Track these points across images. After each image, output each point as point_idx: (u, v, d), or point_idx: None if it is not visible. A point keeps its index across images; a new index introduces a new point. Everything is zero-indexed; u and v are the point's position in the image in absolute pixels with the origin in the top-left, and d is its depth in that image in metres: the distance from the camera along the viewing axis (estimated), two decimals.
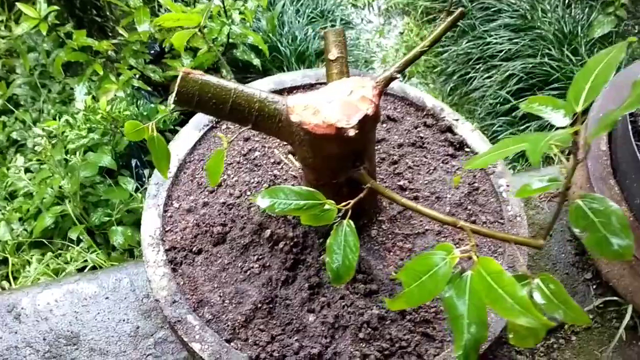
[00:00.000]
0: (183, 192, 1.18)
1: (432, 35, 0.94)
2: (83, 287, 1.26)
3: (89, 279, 1.27)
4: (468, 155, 1.25)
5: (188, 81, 0.89)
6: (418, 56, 0.95)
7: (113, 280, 1.27)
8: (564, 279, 1.34)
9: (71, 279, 1.27)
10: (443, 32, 0.93)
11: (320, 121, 0.88)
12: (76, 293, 1.25)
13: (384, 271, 1.08)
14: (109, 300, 1.25)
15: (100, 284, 1.26)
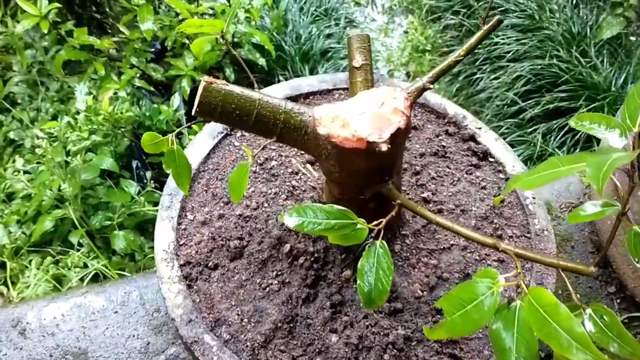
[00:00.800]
0: (197, 204, 1.13)
1: (467, 45, 0.89)
2: (91, 300, 1.20)
3: (97, 292, 1.22)
4: (492, 166, 1.20)
5: (211, 91, 0.84)
6: (453, 65, 0.90)
7: (122, 294, 1.22)
8: (587, 292, 1.30)
9: (78, 292, 1.21)
10: (479, 41, 0.89)
11: (350, 134, 0.83)
12: (84, 307, 1.20)
13: (409, 289, 1.04)
14: (118, 315, 1.20)
15: (108, 298, 1.21)
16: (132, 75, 2.11)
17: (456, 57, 0.89)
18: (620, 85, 2.47)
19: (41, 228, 1.98)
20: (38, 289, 1.86)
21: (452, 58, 0.89)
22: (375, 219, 0.98)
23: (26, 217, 2.09)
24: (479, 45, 0.89)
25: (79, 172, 1.96)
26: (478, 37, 0.88)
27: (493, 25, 0.87)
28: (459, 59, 0.89)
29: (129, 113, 1.95)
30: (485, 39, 0.89)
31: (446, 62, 0.90)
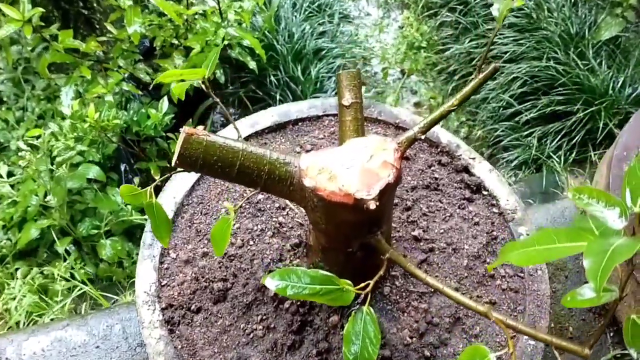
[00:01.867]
0: (181, 240, 1.09)
1: (462, 94, 0.85)
2: (72, 334, 1.17)
3: (79, 324, 1.19)
4: (486, 199, 1.17)
5: (192, 143, 0.79)
6: (445, 115, 0.86)
7: (104, 327, 1.19)
8: (580, 325, 1.28)
9: (59, 325, 1.18)
10: (473, 90, 0.85)
11: (337, 188, 0.79)
12: (64, 341, 1.16)
13: (398, 335, 1.01)
14: (99, 350, 1.16)
15: (90, 331, 1.18)
16: (119, 79, 2.05)
17: (449, 106, 0.85)
18: (618, 90, 2.43)
19: (27, 236, 1.94)
20: (23, 301, 1.83)
21: (444, 107, 0.85)
22: (363, 268, 0.95)
23: (12, 222, 2.05)
24: (472, 95, 0.84)
25: (65, 181, 1.91)
26: (472, 86, 0.84)
27: (489, 73, 0.83)
28: (452, 108, 0.85)
29: (116, 120, 1.90)
30: (480, 87, 0.85)
31: (438, 111, 0.86)
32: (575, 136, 2.42)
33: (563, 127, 2.43)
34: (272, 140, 1.21)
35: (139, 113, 2.09)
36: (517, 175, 2.50)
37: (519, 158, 2.49)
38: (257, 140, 1.20)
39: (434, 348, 1.00)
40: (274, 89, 2.45)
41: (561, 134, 2.44)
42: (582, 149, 2.46)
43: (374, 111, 1.25)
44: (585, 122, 2.41)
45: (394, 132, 1.24)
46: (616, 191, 1.21)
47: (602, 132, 2.38)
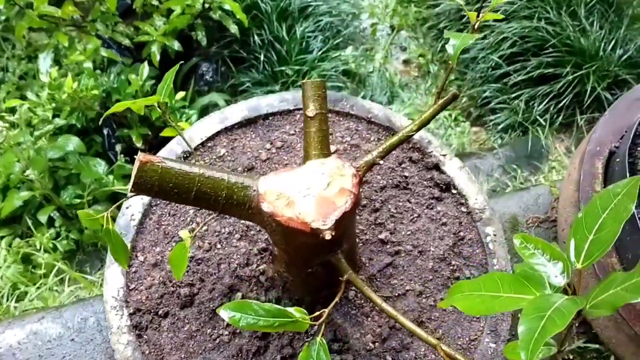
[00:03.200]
0: (148, 243, 1.10)
1: (420, 120, 0.84)
2: (47, 327, 1.20)
3: (54, 317, 1.21)
4: (455, 198, 1.17)
5: (146, 171, 0.79)
6: (404, 140, 0.85)
7: (78, 320, 1.21)
8: None
9: (34, 317, 1.21)
10: (432, 116, 0.83)
11: (294, 215, 0.79)
12: (40, 334, 1.19)
13: (361, 340, 1.03)
14: (74, 343, 1.19)
15: (65, 324, 1.21)
16: (97, 46, 2.01)
17: (408, 132, 0.84)
18: (609, 52, 2.38)
19: (10, 206, 1.95)
20: (8, 271, 1.86)
21: (403, 132, 0.84)
22: (326, 281, 0.96)
23: None
24: (431, 120, 0.83)
25: (45, 151, 1.90)
26: (431, 112, 0.82)
27: (448, 100, 0.82)
28: (411, 133, 0.84)
29: (94, 91, 1.87)
30: (438, 113, 0.83)
31: (397, 137, 0.85)
32: (563, 100, 2.39)
33: (551, 90, 2.40)
34: (242, 136, 1.20)
35: (119, 80, 2.06)
36: (502, 138, 2.49)
37: (506, 121, 2.47)
38: (227, 136, 1.19)
39: (396, 352, 1.03)
40: (258, 49, 2.41)
41: (549, 97, 2.41)
42: (570, 112, 2.44)
43: (346, 105, 1.23)
44: (574, 85, 2.38)
45: (366, 127, 1.22)
46: (586, 188, 1.21)
47: (590, 96, 2.35)
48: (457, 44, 0.72)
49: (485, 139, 2.54)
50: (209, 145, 1.18)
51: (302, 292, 1.02)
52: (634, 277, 0.59)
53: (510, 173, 2.33)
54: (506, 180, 2.31)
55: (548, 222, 1.35)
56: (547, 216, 1.37)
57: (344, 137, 1.21)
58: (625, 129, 1.25)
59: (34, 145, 1.88)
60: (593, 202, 0.66)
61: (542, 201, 1.39)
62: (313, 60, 2.41)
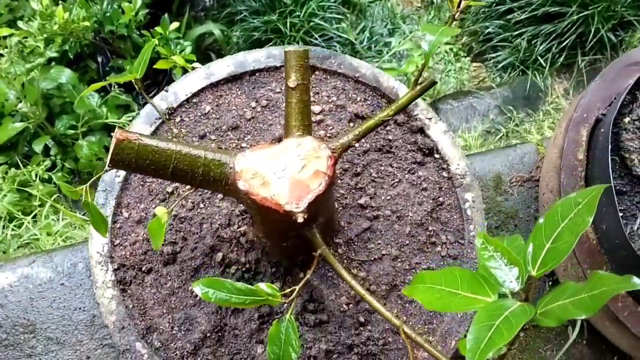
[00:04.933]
0: (133, 199, 1.12)
1: (396, 105, 0.84)
2: (38, 271, 1.25)
3: (44, 261, 1.26)
4: (437, 163, 1.18)
5: (123, 148, 0.80)
6: (379, 124, 0.85)
7: (68, 265, 1.26)
8: None
9: (25, 261, 1.25)
10: (408, 102, 0.83)
11: (269, 196, 0.81)
12: (31, 278, 1.24)
13: (336, 302, 1.07)
14: (64, 287, 1.24)
15: (55, 269, 1.25)
16: None
17: (384, 116, 0.84)
18: None
19: (5, 134, 1.96)
20: (4, 200, 1.90)
21: (379, 117, 0.85)
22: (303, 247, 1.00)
23: None
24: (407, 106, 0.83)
25: (38, 82, 1.90)
26: (408, 97, 0.82)
27: (425, 87, 0.81)
28: (387, 118, 0.84)
29: (85, 22, 1.84)
30: (414, 100, 0.83)
31: (373, 120, 0.85)
32: (566, 40, 2.35)
33: (555, 29, 2.35)
34: (227, 93, 1.20)
35: (111, 8, 2.02)
36: (502, 77, 2.46)
37: (507, 60, 2.44)
38: (213, 92, 1.19)
39: (369, 314, 1.07)
40: None
41: (552, 37, 2.36)
42: (571, 52, 2.40)
43: (334, 63, 1.22)
44: (578, 25, 2.33)
45: (353, 87, 1.22)
46: (569, 156, 1.22)
47: (594, 38, 2.31)
48: (432, 41, 0.71)
49: (485, 77, 2.52)
50: (194, 101, 1.18)
51: (280, 256, 1.05)
52: (583, 292, 0.61)
53: (506, 114, 2.32)
54: (501, 121, 2.31)
55: (532, 181, 1.37)
56: (531, 175, 1.38)
57: (330, 96, 1.21)
58: (615, 96, 1.24)
59: (26, 75, 1.87)
60: (554, 209, 0.68)
61: (528, 160, 1.40)
62: None
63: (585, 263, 1.18)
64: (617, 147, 1.18)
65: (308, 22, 2.29)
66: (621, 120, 1.18)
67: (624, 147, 1.16)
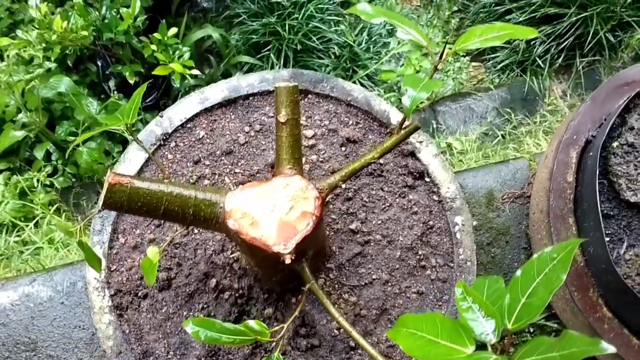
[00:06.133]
0: (129, 225, 1.15)
1: (382, 148, 0.86)
2: (39, 290, 1.28)
3: (45, 280, 1.29)
4: (427, 186, 1.20)
5: (115, 192, 0.82)
6: (365, 165, 0.87)
7: (67, 284, 1.29)
8: None
9: (27, 280, 1.28)
10: (392, 146, 0.85)
11: (258, 236, 0.84)
12: (32, 297, 1.27)
13: (327, 326, 1.10)
14: (64, 306, 1.28)
15: (55, 288, 1.28)
16: None
17: (370, 158, 0.86)
18: None
19: (7, 141, 1.98)
20: (6, 207, 1.93)
21: (365, 159, 0.87)
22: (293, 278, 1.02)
23: None
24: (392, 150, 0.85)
25: (38, 90, 1.92)
26: (393, 141, 0.84)
27: (409, 132, 0.83)
28: (373, 160, 0.86)
29: (83, 32, 1.85)
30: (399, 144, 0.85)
31: (359, 162, 0.87)
32: (565, 41, 2.34)
33: (553, 30, 2.34)
34: (222, 117, 1.22)
35: (110, 14, 2.03)
36: (500, 78, 2.46)
37: (505, 61, 2.44)
38: (207, 117, 1.21)
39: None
40: None
41: (551, 38, 2.36)
42: (570, 53, 2.39)
43: (327, 87, 1.23)
44: (576, 27, 2.32)
45: (345, 110, 1.23)
46: (558, 179, 1.23)
47: (592, 39, 2.30)
48: (414, 96, 0.72)
49: (483, 77, 2.52)
50: (188, 126, 1.20)
51: (271, 284, 1.08)
52: (555, 350, 0.63)
53: (504, 116, 2.33)
54: (499, 123, 2.31)
55: (523, 197, 1.39)
56: (523, 192, 1.40)
57: (323, 120, 1.22)
58: (605, 117, 1.25)
59: (26, 84, 1.89)
60: (531, 263, 0.70)
61: (520, 176, 1.41)
62: None
63: (573, 286, 1.20)
64: (605, 170, 1.20)
65: (306, 24, 2.29)
66: (610, 144, 1.19)
67: (613, 171, 1.18)
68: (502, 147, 2.16)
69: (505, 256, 1.40)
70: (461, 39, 0.77)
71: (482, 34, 0.76)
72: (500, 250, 1.40)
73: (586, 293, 1.18)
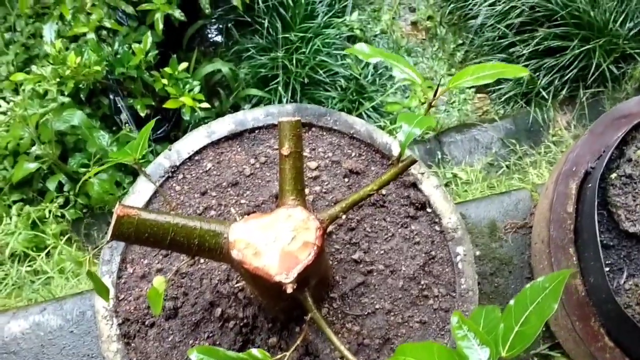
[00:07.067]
0: (137, 255, 1.18)
1: (380, 180, 0.89)
2: (49, 319, 1.30)
3: (55, 309, 1.32)
4: (429, 217, 1.22)
5: (123, 223, 0.85)
6: (365, 197, 0.90)
7: (77, 313, 1.32)
8: None
9: (37, 309, 1.31)
10: (390, 179, 0.88)
11: (260, 266, 0.86)
12: (42, 325, 1.30)
13: (330, 356, 1.12)
14: (73, 335, 1.30)
15: (64, 317, 1.31)
16: (101, 17, 2.03)
17: (368, 190, 0.89)
18: (619, 24, 2.34)
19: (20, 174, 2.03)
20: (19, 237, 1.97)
21: (364, 191, 0.90)
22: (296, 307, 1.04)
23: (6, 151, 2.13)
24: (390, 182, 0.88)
25: (52, 123, 1.97)
26: (391, 174, 0.87)
27: (406, 165, 0.86)
28: (371, 192, 0.89)
29: (96, 67, 1.91)
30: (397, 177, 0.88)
31: (358, 194, 0.90)
32: (568, 73, 2.38)
33: (557, 63, 2.39)
34: (228, 150, 1.25)
35: (123, 50, 2.09)
36: (505, 109, 2.50)
37: (510, 92, 2.47)
38: (214, 149, 1.25)
39: None
40: (262, 14, 2.40)
41: (554, 70, 2.40)
42: (574, 85, 2.43)
43: (330, 120, 1.27)
44: (580, 59, 2.36)
45: (348, 142, 1.27)
46: (558, 209, 1.25)
47: (596, 71, 2.34)
48: (408, 132, 0.75)
49: (488, 108, 2.55)
50: (196, 159, 1.24)
51: (276, 313, 1.10)
52: None
53: (509, 147, 2.36)
54: (504, 154, 2.34)
55: (526, 228, 1.40)
56: (525, 222, 1.42)
57: (326, 152, 1.26)
58: (603, 149, 1.28)
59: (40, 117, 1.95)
60: (524, 292, 0.72)
61: (522, 206, 1.43)
62: (317, 26, 2.41)
63: (574, 315, 1.21)
64: (604, 201, 1.22)
65: (313, 58, 2.35)
66: (608, 176, 1.21)
67: (611, 202, 1.20)
68: (507, 177, 2.19)
69: (508, 286, 1.41)
70: (454, 78, 0.80)
71: (474, 73, 0.79)
72: (503, 280, 1.41)
73: (587, 322, 1.19)
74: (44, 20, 2.40)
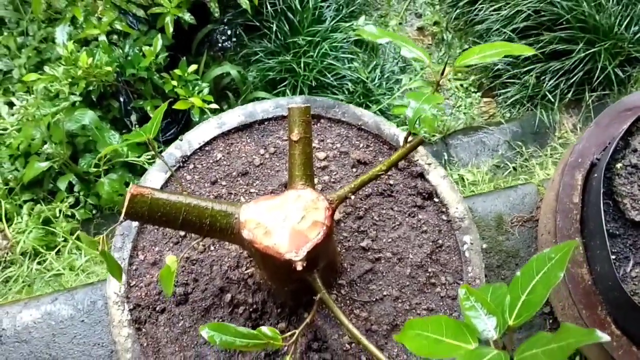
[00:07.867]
0: (149, 242, 1.19)
1: (388, 161, 0.90)
2: (60, 308, 1.32)
3: (66, 299, 1.33)
4: (436, 206, 1.24)
5: (137, 202, 0.87)
6: (373, 178, 0.92)
7: (88, 303, 1.33)
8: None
9: (48, 299, 1.33)
10: (398, 159, 0.90)
11: (271, 245, 0.88)
12: (53, 315, 1.31)
13: (339, 341, 1.13)
14: (84, 324, 1.32)
15: (75, 306, 1.33)
16: (112, 19, 2.06)
17: (377, 170, 0.91)
18: (624, 28, 2.36)
19: (31, 173, 2.06)
20: (30, 235, 1.99)
21: (373, 171, 0.91)
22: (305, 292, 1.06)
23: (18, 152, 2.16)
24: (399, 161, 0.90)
25: (63, 123, 2.00)
26: (398, 154, 0.89)
27: (414, 145, 0.88)
28: (380, 172, 0.91)
29: (107, 68, 1.94)
30: (406, 156, 0.90)
31: (367, 175, 0.92)
32: (574, 76, 2.39)
33: (562, 66, 2.40)
34: (238, 141, 1.27)
35: (133, 52, 2.12)
36: (511, 112, 2.51)
37: (516, 95, 2.49)
38: (224, 140, 1.27)
39: None
40: (271, 18, 2.43)
41: (560, 74, 2.41)
42: (579, 88, 2.44)
43: (338, 112, 1.29)
44: (585, 62, 2.38)
45: (356, 134, 1.29)
46: (564, 200, 1.26)
47: (601, 74, 2.36)
48: (416, 107, 0.77)
49: (495, 112, 2.57)
50: (206, 149, 1.26)
51: (285, 298, 1.11)
52: (553, 342, 0.66)
53: (515, 149, 2.37)
54: (510, 156, 2.35)
55: (532, 221, 1.41)
56: (532, 215, 1.43)
57: (335, 143, 1.27)
58: (609, 141, 1.29)
59: (52, 117, 1.98)
60: (530, 263, 0.73)
61: (529, 200, 1.44)
62: (325, 30, 2.44)
63: (581, 304, 1.22)
64: (610, 191, 1.23)
65: (321, 61, 2.37)
66: (614, 166, 1.23)
67: (617, 191, 1.21)
68: (513, 178, 2.20)
69: None
70: (461, 57, 0.82)
71: (481, 52, 0.81)
72: (510, 272, 1.42)
73: (594, 311, 1.20)
74: (55, 25, 2.44)
